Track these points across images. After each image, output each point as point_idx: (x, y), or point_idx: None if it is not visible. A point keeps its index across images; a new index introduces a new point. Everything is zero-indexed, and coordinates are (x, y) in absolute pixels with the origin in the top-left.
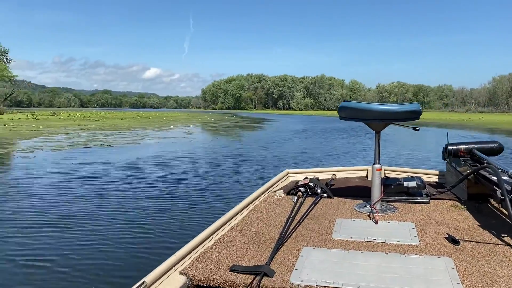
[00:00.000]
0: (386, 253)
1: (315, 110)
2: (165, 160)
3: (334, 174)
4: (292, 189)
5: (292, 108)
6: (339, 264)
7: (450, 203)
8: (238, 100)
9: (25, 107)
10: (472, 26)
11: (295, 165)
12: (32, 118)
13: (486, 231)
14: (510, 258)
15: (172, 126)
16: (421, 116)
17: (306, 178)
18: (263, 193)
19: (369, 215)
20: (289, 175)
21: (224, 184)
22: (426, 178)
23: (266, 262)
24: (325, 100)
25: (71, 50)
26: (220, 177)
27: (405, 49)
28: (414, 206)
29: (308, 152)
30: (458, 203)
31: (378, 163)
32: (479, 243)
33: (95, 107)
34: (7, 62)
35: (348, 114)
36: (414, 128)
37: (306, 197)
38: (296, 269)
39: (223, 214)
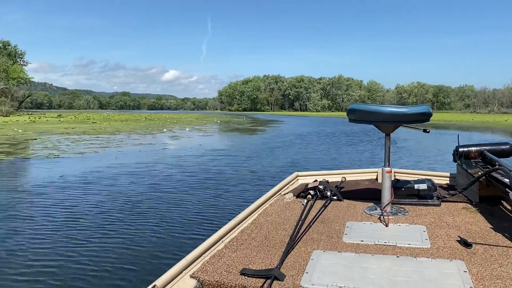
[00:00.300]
0: (397, 256)
1: (332, 111)
2: (99, 179)
3: (344, 177)
4: (302, 192)
5: (309, 110)
6: (350, 267)
7: (462, 206)
8: (254, 102)
9: (46, 109)
10: (494, 24)
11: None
12: (31, 120)
13: (499, 234)
14: None
15: (165, 130)
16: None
17: (316, 180)
18: (272, 196)
19: (379, 218)
20: (298, 177)
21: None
22: (437, 181)
23: (277, 266)
24: (342, 101)
25: (91, 53)
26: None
27: (425, 49)
28: (425, 209)
29: (300, 166)
30: (470, 206)
31: (388, 165)
32: (492, 246)
33: (114, 109)
34: (24, 65)
35: (357, 116)
36: (424, 130)
37: (315, 200)
38: (306, 272)
39: (233, 218)
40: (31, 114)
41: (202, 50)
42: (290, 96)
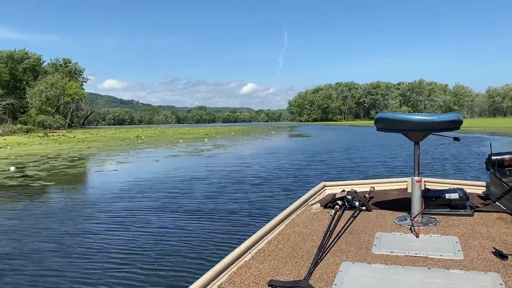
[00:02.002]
0: (429, 268)
1: None
2: None
3: (373, 187)
4: (329, 202)
5: None
6: (380, 279)
7: (496, 216)
8: (325, 111)
9: (127, 125)
10: None
11: None
12: (38, 139)
13: None
14: None
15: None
16: None
17: (344, 191)
18: (299, 206)
19: (410, 229)
20: (325, 188)
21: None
22: (469, 190)
23: (305, 277)
24: (425, 107)
25: (175, 71)
26: None
27: None
28: (457, 219)
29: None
30: (505, 216)
31: (418, 174)
32: None
33: (190, 123)
34: (84, 81)
35: (386, 125)
36: (455, 139)
37: (344, 210)
38: (335, 284)
39: (260, 228)
40: (52, 133)
41: (279, 62)
42: (365, 104)
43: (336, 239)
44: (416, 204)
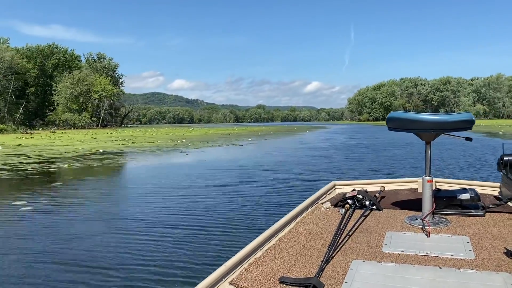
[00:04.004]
0: (440, 267)
1: (489, 118)
2: None
3: (383, 186)
4: (340, 201)
5: None
6: (391, 277)
7: (508, 216)
8: (388, 109)
9: (186, 123)
10: None
11: None
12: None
13: None
14: None
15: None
16: None
17: (354, 190)
18: (309, 205)
19: (420, 228)
20: (336, 187)
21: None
22: (481, 190)
23: (315, 274)
24: (503, 105)
25: (240, 70)
26: None
27: None
28: (468, 219)
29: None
30: None
31: (429, 174)
32: None
33: (249, 122)
34: (119, 77)
35: (397, 124)
36: (467, 139)
37: (354, 209)
38: (345, 282)
39: (270, 226)
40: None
41: (345, 60)
42: (433, 102)
43: (346, 238)
44: (427, 204)
